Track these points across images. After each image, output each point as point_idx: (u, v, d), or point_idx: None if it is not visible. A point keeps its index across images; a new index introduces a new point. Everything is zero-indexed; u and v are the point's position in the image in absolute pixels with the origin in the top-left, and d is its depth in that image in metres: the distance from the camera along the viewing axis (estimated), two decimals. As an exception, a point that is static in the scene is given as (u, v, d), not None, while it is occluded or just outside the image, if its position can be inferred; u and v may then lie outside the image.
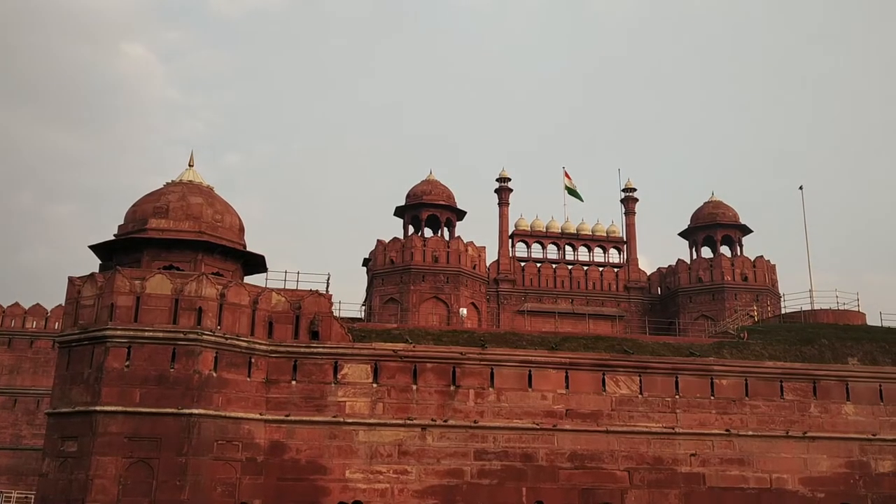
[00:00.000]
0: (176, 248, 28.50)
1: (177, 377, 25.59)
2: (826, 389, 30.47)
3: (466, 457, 27.77)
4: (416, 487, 27.15)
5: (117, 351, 25.45)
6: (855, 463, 29.80)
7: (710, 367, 30.11)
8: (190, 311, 26.26)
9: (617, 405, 29.16)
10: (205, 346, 26.03)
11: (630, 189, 59.01)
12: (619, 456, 28.55)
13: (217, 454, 25.58)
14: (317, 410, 27.38)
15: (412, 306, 49.01)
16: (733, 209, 56.56)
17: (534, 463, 28.06)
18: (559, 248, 58.01)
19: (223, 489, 25.50)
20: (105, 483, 24.26)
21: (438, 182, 54.53)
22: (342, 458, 27.07)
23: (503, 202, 56.80)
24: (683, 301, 53.69)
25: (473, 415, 28.23)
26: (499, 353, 29.09)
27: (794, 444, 29.61)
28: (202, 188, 30.48)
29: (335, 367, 27.99)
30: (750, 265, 53.72)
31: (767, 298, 52.04)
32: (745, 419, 29.64)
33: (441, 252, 50.74)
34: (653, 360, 30.01)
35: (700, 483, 28.72)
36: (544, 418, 28.56)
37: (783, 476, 29.20)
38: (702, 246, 56.39)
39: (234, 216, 30.73)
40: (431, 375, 28.45)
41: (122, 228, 29.44)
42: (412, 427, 27.71)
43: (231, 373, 26.54)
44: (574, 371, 29.27)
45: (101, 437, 24.62)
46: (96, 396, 25.06)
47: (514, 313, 53.47)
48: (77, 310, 26.79)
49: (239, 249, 29.92)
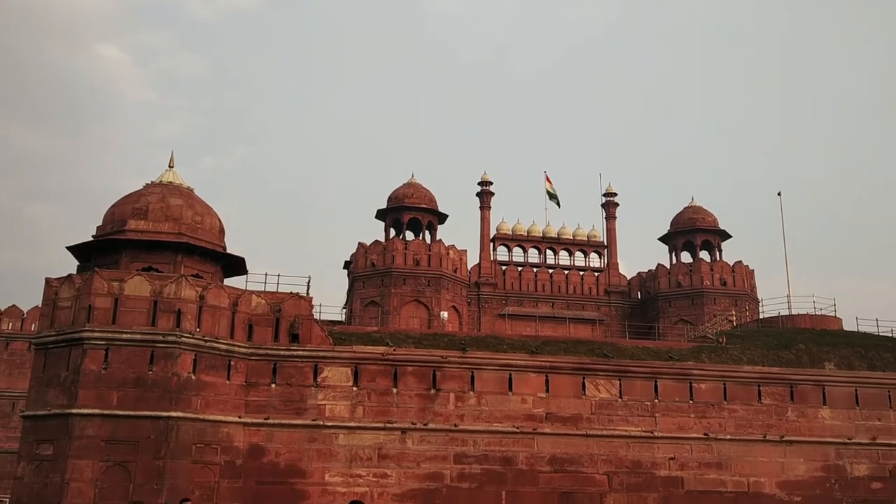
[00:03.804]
0: (155, 249, 28.31)
1: (155, 380, 25.38)
2: (803, 394, 30.76)
3: (446, 460, 27.75)
4: (395, 491, 27.10)
5: (95, 353, 25.20)
6: (831, 467, 30.08)
7: (688, 371, 30.30)
8: (169, 313, 26.06)
9: (597, 409, 29.27)
10: (184, 349, 25.84)
11: (611, 194, 59.24)
12: (598, 459, 28.65)
13: (195, 457, 25.39)
14: (296, 413, 27.26)
15: (393, 309, 48.90)
16: (713, 214, 56.97)
17: (513, 466, 28.10)
18: (540, 252, 58.11)
19: (201, 492, 25.30)
20: (81, 486, 24.00)
21: (420, 185, 54.51)
22: (322, 461, 26.96)
23: (485, 206, 56.83)
24: (663, 305, 53.97)
25: (454, 418, 28.22)
26: (479, 357, 29.11)
27: (772, 448, 29.86)
28: (182, 189, 30.29)
29: (315, 370, 27.88)
30: (729, 270, 54.09)
31: (746, 303, 52.46)
32: (723, 423, 29.84)
33: (422, 255, 50.68)
34: (632, 364, 30.15)
35: (678, 487, 28.88)
36: (524, 422, 28.61)
37: (760, 480, 29.43)
38: (682, 251, 56.73)
39: (215, 218, 30.56)
40: (412, 379, 28.42)
41: (100, 229, 29.18)
42: (392, 430, 27.66)
43: (210, 375, 26.36)
44: (554, 375, 29.35)
45: (77, 440, 24.36)
46: (73, 399, 24.80)
47: (495, 317, 53.49)
48: (54, 311, 26.51)
49: (219, 251, 29.75)
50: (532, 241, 58.05)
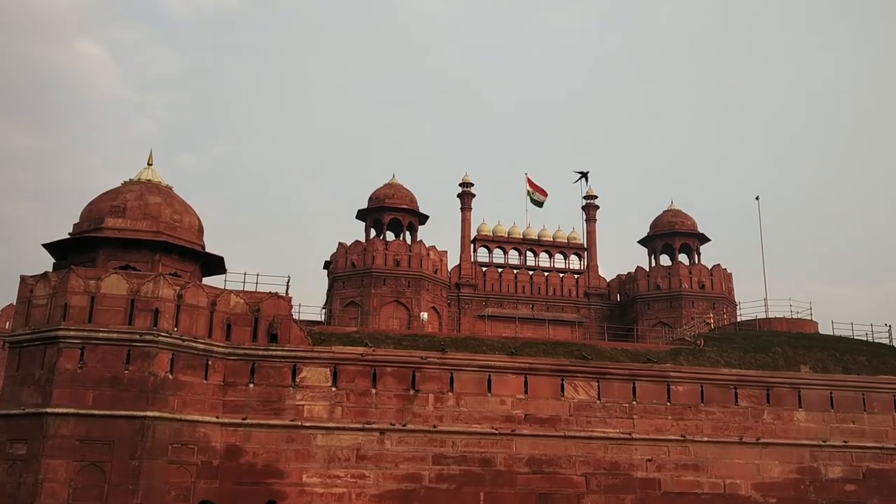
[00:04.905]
0: (133, 247, 28.08)
1: (131, 379, 25.17)
2: (779, 396, 31.05)
3: (425, 461, 27.73)
4: (373, 492, 27.04)
5: (70, 352, 24.95)
6: (806, 469, 30.38)
7: (666, 373, 30.49)
8: (146, 311, 25.86)
9: (575, 410, 29.38)
10: (161, 348, 25.64)
11: (591, 196, 59.47)
12: (576, 461, 28.75)
13: (172, 458, 25.20)
14: (274, 414, 27.13)
15: (373, 310, 48.80)
16: (692, 218, 57.39)
17: (492, 468, 28.13)
18: (520, 254, 58.24)
19: (177, 493, 25.13)
20: (55, 487, 23.74)
21: (401, 186, 54.44)
22: (299, 462, 26.85)
23: (466, 207, 56.86)
24: (642, 308, 54.29)
25: (432, 419, 28.21)
26: (459, 358, 29.12)
27: (748, 450, 30.11)
28: (161, 188, 30.06)
29: (294, 371, 27.77)
30: (707, 273, 54.50)
31: (724, 306, 52.87)
32: (700, 425, 30.06)
33: (403, 256, 50.62)
34: (611, 366, 30.29)
35: (655, 488, 29.04)
36: (503, 423, 28.66)
37: (736, 482, 29.66)
38: (660, 254, 57.08)
39: (193, 216, 30.35)
40: (391, 379, 28.38)
41: (77, 227, 28.89)
42: (371, 431, 27.61)
43: (187, 375, 26.17)
44: (533, 376, 29.42)
45: (51, 439, 24.10)
46: (47, 398, 24.53)
47: (475, 318, 53.53)
48: (29, 309, 26.21)
49: (197, 250, 29.56)
50: (512, 243, 58.15)
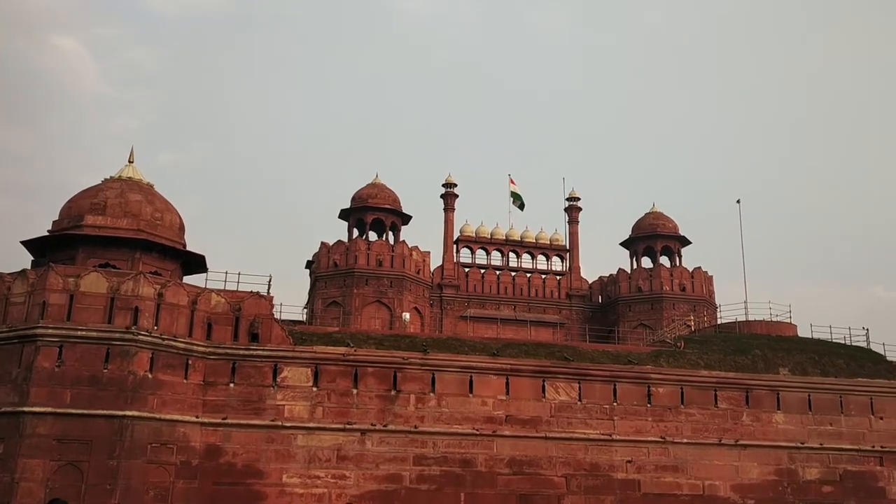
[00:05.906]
0: (113, 245, 27.87)
1: (110, 378, 24.96)
2: (758, 398, 31.31)
3: (406, 462, 27.72)
4: (354, 492, 26.98)
5: (48, 350, 24.71)
6: (784, 470, 30.66)
7: (647, 375, 30.66)
8: (126, 310, 25.66)
9: (556, 411, 29.47)
10: (140, 347, 25.45)
11: (574, 198, 59.60)
12: (556, 462, 28.85)
13: (150, 457, 25.02)
14: (255, 414, 27.01)
15: (355, 310, 48.64)
16: (673, 220, 57.64)
17: (473, 468, 28.16)
18: (503, 255, 58.26)
19: (156, 493, 24.95)
20: (31, 486, 23.49)
21: (384, 186, 54.31)
22: (280, 462, 26.75)
23: (448, 208, 56.83)
24: (623, 310, 54.47)
25: (414, 420, 28.19)
26: (440, 359, 29.12)
27: (727, 452, 30.33)
28: (142, 185, 29.86)
29: (275, 370, 27.66)
30: (688, 276, 54.78)
31: (704, 309, 53.13)
32: (680, 427, 30.25)
33: (385, 256, 50.51)
34: (592, 367, 30.41)
35: (635, 489, 29.19)
36: (484, 424, 28.69)
37: (715, 483, 29.88)
38: (642, 256, 57.30)
39: (175, 214, 30.15)
40: (372, 380, 28.33)
41: (56, 224, 28.63)
42: (352, 431, 27.55)
43: (167, 374, 25.99)
44: (515, 377, 29.49)
45: (28, 438, 23.85)
46: (24, 397, 24.27)
47: (457, 319, 53.50)
48: (6, 307, 25.92)
49: (178, 248, 29.38)
50: (495, 244, 58.19)
